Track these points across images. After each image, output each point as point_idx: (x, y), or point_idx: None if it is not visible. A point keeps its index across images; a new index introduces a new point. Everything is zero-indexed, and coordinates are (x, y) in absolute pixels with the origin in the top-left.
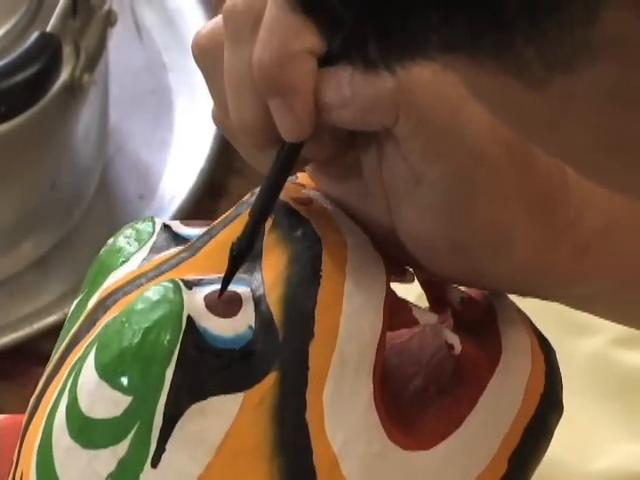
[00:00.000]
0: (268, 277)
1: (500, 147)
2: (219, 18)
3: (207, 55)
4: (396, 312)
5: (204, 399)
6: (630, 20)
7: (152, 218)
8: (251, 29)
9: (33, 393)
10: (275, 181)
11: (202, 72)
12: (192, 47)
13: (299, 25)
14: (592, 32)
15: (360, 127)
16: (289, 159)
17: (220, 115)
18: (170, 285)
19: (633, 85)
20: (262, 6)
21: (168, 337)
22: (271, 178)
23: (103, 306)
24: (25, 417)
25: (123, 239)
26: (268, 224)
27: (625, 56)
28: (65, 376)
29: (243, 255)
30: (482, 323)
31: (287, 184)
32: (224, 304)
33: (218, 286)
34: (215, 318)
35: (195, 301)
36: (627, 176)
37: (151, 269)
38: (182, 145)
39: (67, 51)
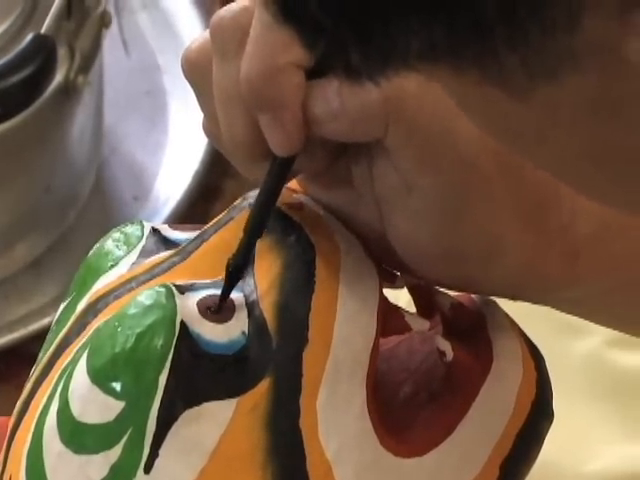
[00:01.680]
0: (261, 283)
1: (489, 155)
2: (208, 32)
3: (197, 69)
4: (388, 318)
5: (198, 405)
6: (613, 28)
7: (140, 222)
8: (238, 44)
9: None
10: (268, 196)
11: (192, 86)
12: (182, 61)
13: (284, 39)
14: (575, 39)
15: (350, 139)
16: (281, 173)
17: (211, 127)
18: (162, 290)
19: (615, 94)
20: (248, 21)
21: (161, 342)
22: (264, 193)
23: (94, 309)
24: (12, 421)
25: (112, 243)
26: None
27: (607, 64)
28: (55, 380)
29: (239, 271)
30: (472, 330)
31: None
32: (217, 309)
33: (210, 291)
34: (208, 323)
35: (188, 306)
36: (614, 189)
37: (142, 273)
38: (177, 147)
39: (62, 52)
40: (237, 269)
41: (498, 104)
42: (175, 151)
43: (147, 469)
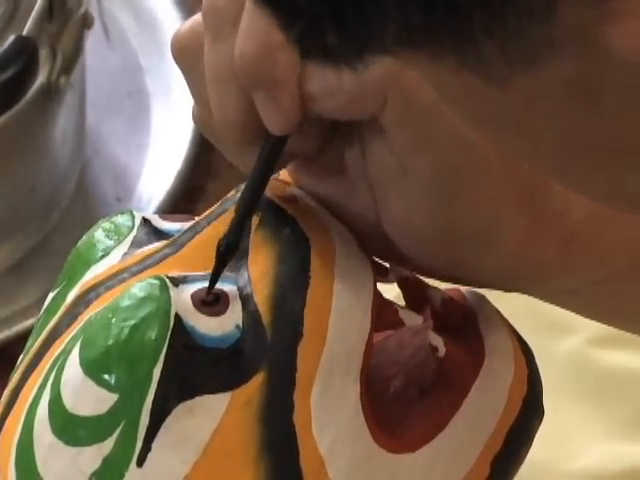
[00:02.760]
0: (255, 276)
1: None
2: (198, 16)
3: (187, 52)
4: (382, 313)
5: (191, 398)
6: (590, 15)
7: (131, 212)
8: (232, 25)
9: None
10: (260, 175)
11: (182, 70)
12: (172, 45)
13: None
14: (552, 27)
15: (347, 116)
16: (274, 152)
17: (201, 113)
18: (156, 282)
19: (593, 82)
20: (242, 1)
21: (155, 335)
22: (256, 172)
23: (85, 300)
24: None
25: (102, 232)
26: (254, 222)
27: (585, 52)
28: (46, 371)
29: (230, 251)
30: (463, 325)
31: (272, 181)
32: (211, 302)
33: (204, 284)
34: (202, 316)
35: (182, 299)
36: (594, 180)
37: (134, 264)
38: (159, 148)
39: (43, 54)
40: (228, 248)
41: (476, 92)
42: (158, 152)
43: (140, 462)
